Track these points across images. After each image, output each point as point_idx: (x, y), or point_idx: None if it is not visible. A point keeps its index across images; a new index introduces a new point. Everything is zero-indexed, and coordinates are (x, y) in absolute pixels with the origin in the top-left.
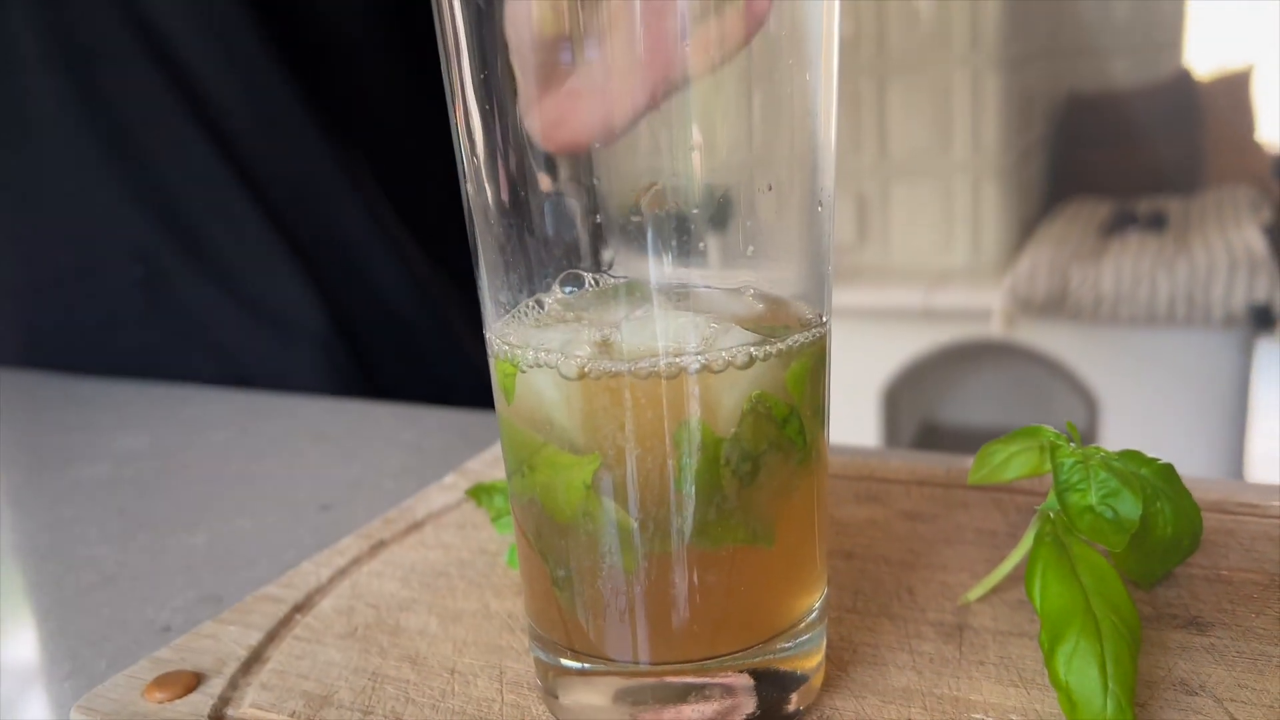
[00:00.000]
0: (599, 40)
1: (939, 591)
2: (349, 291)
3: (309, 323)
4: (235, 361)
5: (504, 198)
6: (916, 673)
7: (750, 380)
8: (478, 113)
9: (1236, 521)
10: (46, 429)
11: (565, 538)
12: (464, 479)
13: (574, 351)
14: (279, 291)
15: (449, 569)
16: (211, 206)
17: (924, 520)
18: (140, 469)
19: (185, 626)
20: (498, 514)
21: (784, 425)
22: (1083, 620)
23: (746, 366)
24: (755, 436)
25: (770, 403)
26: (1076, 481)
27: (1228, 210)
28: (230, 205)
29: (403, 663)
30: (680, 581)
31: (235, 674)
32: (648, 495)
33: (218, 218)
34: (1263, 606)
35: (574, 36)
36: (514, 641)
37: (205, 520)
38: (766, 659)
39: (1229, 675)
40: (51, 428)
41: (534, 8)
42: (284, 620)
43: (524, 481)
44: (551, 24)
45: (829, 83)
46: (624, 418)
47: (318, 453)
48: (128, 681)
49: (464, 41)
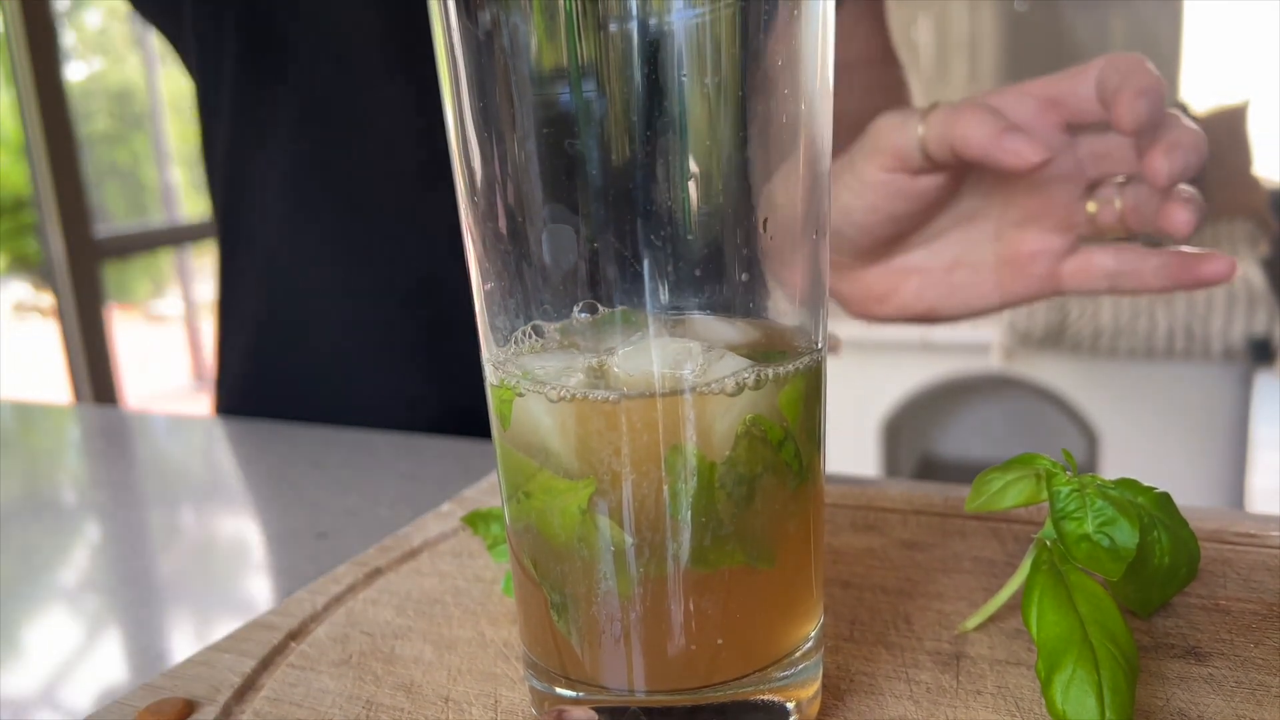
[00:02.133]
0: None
1: (936, 620)
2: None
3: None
4: None
5: (502, 227)
6: (914, 702)
7: (745, 404)
8: (476, 142)
9: (1234, 551)
10: (41, 456)
11: (561, 563)
12: (460, 507)
13: (568, 377)
14: None
15: (444, 597)
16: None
17: (921, 549)
18: (135, 494)
19: (178, 654)
20: (494, 542)
21: (779, 449)
22: (1080, 649)
23: (740, 391)
24: (750, 459)
25: (765, 426)
26: (1073, 510)
27: (1225, 244)
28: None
29: (397, 691)
30: (676, 608)
31: (229, 701)
32: (643, 519)
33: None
34: (1261, 637)
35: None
36: (509, 670)
37: (200, 547)
38: (763, 688)
39: (1227, 706)
40: (41, 454)
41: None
42: (278, 648)
43: (520, 507)
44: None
45: (825, 111)
46: (619, 442)
47: (314, 481)
48: (120, 709)
49: (463, 71)
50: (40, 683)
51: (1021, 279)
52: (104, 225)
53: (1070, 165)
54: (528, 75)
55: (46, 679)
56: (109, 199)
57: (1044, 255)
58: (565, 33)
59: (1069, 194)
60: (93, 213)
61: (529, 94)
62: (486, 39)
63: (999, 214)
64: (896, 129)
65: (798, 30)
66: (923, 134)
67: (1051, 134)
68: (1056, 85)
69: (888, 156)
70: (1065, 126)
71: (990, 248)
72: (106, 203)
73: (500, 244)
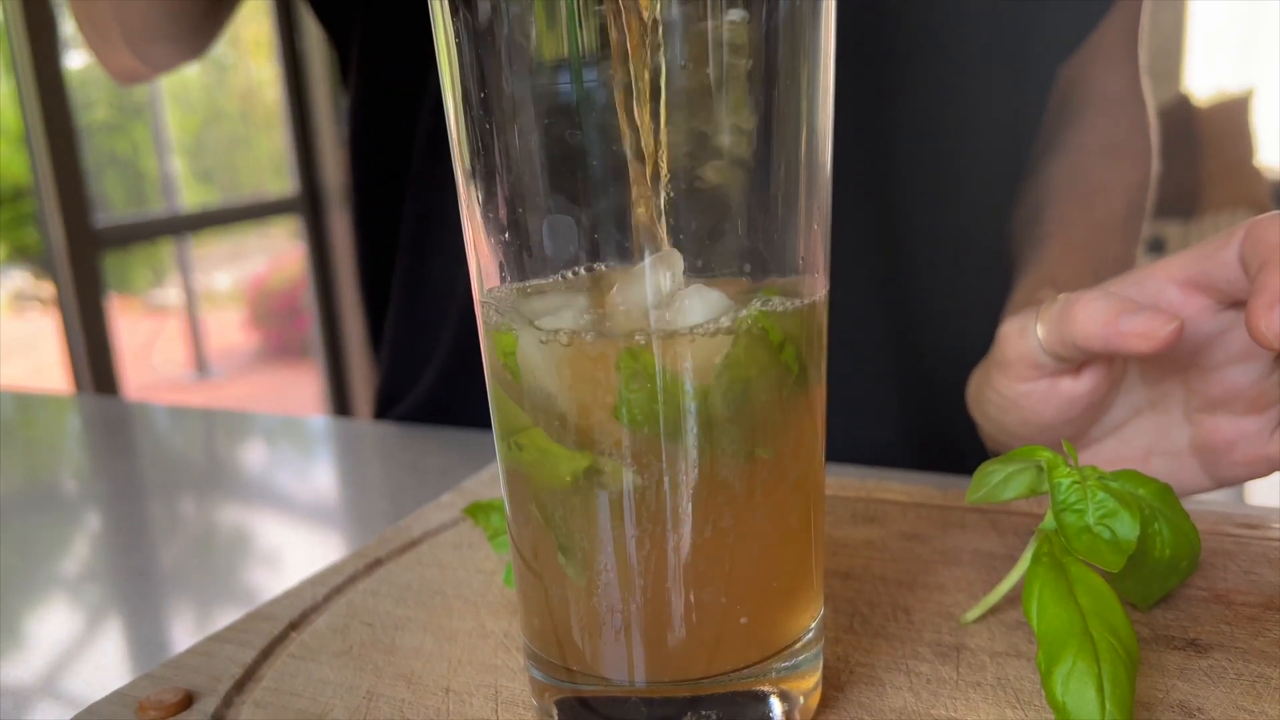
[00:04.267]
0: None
1: (936, 612)
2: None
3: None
4: None
5: (502, 216)
6: (913, 693)
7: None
8: (478, 131)
9: (1235, 543)
10: (46, 446)
11: (562, 507)
12: (461, 498)
13: (565, 307)
14: None
15: (445, 588)
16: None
17: (921, 541)
18: (135, 487)
19: (179, 644)
20: (495, 533)
21: (779, 350)
22: (1080, 641)
23: (733, 323)
24: (748, 361)
25: (765, 324)
26: (1074, 502)
27: None
28: None
29: (397, 681)
30: (675, 584)
31: (229, 692)
32: (640, 440)
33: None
34: (1262, 629)
35: None
36: (510, 661)
37: (200, 538)
38: (763, 679)
39: (1227, 698)
40: (42, 444)
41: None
42: (278, 638)
43: (515, 455)
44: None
45: (826, 99)
46: (613, 375)
47: (315, 472)
48: (120, 698)
49: (465, 59)
50: (41, 673)
51: (1227, 466)
52: (104, 215)
53: (1241, 344)
54: (527, 63)
55: (47, 669)
56: (109, 188)
57: (1243, 440)
58: (566, 20)
59: (1250, 372)
60: (92, 202)
61: (528, 82)
62: (487, 27)
63: (1183, 400)
64: (1017, 337)
65: (800, 17)
66: (1043, 336)
67: (1203, 317)
68: (1198, 264)
69: (1018, 368)
70: (1220, 304)
71: (1184, 434)
72: (106, 192)
73: (500, 233)
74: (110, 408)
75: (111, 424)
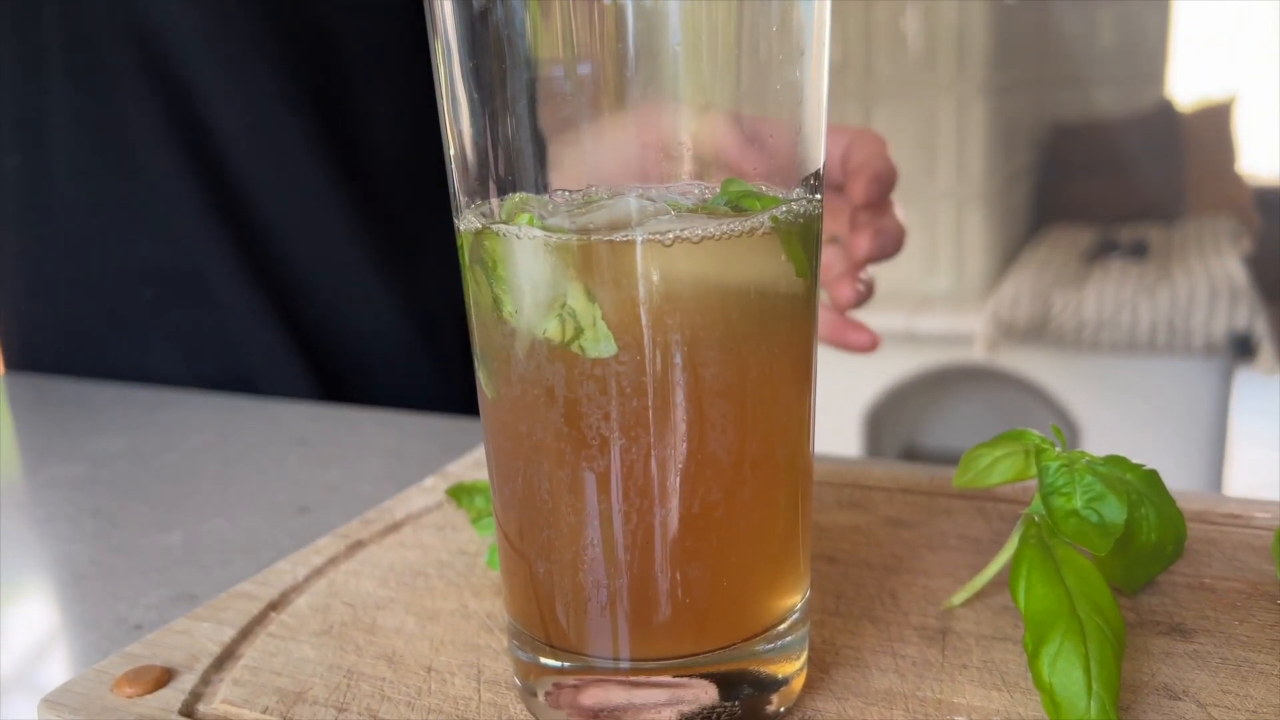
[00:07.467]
0: None
1: (922, 596)
2: (330, 315)
3: (292, 351)
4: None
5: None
6: (899, 675)
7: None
8: (465, 104)
9: (1220, 531)
10: (24, 429)
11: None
12: (444, 481)
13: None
14: (259, 317)
15: (427, 569)
16: (205, 229)
17: (907, 526)
18: (117, 470)
19: (158, 624)
20: (478, 515)
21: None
22: (1067, 622)
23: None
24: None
25: (774, 222)
26: (1062, 485)
27: (1209, 239)
28: (224, 230)
29: (379, 660)
30: (661, 559)
31: (207, 670)
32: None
33: (211, 240)
34: (1246, 614)
35: None
36: (492, 641)
37: (181, 521)
38: (748, 659)
39: (1212, 681)
40: (27, 428)
41: None
42: (258, 617)
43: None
44: None
45: (819, 82)
46: (602, 270)
47: (297, 457)
48: (97, 676)
49: (454, 33)
50: (18, 653)
51: None
52: None
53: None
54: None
55: (24, 649)
56: None
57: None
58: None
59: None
60: None
61: (521, 68)
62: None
63: None
64: None
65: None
66: None
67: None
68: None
69: None
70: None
71: None
72: None
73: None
74: (104, 392)
75: (91, 406)
